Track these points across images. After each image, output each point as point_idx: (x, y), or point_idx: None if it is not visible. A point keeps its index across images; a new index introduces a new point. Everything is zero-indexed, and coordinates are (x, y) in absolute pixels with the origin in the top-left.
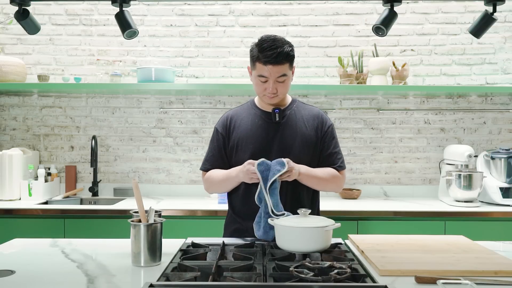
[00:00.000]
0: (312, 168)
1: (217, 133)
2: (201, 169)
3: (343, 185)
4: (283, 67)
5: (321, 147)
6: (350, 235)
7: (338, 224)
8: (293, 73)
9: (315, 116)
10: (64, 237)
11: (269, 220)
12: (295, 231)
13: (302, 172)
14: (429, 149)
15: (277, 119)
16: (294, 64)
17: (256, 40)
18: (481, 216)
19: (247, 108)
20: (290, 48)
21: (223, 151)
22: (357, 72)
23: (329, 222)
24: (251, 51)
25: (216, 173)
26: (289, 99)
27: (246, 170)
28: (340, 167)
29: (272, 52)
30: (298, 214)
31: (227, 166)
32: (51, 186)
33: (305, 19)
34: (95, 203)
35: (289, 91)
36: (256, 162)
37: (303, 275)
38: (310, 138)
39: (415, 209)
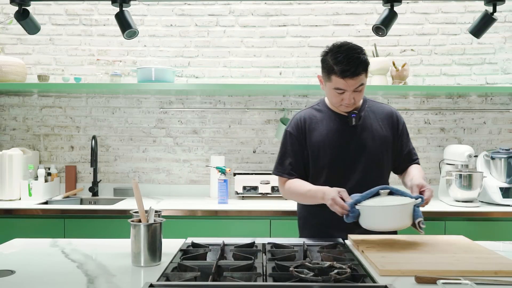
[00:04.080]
0: (420, 177)
1: (290, 137)
2: (275, 174)
3: None
4: (361, 77)
5: (399, 146)
6: (350, 235)
7: (419, 200)
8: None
9: (389, 115)
10: (64, 237)
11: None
12: (385, 211)
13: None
14: (429, 149)
15: (354, 123)
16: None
17: (326, 48)
18: (481, 216)
19: (320, 111)
20: (365, 55)
21: (299, 155)
22: None
23: (410, 199)
24: (323, 61)
25: (299, 186)
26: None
27: (332, 202)
28: (418, 160)
29: (350, 67)
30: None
31: (302, 171)
32: (51, 186)
33: (305, 19)
34: (95, 203)
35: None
36: (349, 202)
37: (303, 275)
38: (386, 137)
39: None
